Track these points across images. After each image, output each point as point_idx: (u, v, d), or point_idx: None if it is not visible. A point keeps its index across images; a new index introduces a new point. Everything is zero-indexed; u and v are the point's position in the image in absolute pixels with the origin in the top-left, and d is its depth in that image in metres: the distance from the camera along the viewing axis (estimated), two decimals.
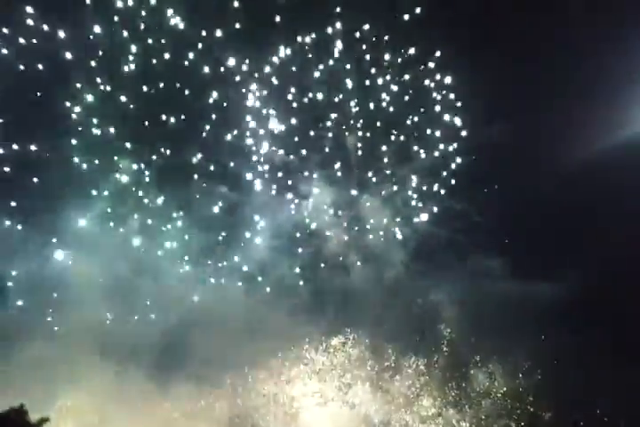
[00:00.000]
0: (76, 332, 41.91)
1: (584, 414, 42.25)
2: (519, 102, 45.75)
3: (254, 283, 46.21)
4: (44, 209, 41.63)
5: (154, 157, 44.83)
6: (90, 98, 42.88)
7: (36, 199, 41.52)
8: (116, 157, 44.19)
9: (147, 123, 44.35)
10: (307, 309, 46.12)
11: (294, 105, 47.41)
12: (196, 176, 45.74)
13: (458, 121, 48.42)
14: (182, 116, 45.08)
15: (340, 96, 47.97)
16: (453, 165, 48.84)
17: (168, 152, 44.88)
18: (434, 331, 46.79)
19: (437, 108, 48.48)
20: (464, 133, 48.41)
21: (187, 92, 44.85)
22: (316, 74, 47.26)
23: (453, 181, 48.78)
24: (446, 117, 48.53)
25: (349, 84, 47.81)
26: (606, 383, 41.37)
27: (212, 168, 46.15)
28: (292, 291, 46.66)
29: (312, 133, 48.04)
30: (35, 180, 41.78)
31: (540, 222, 46.32)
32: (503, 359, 44.79)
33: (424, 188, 49.27)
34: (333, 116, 48.15)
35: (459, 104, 48.15)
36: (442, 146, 48.96)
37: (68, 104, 42.52)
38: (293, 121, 47.43)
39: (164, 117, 44.62)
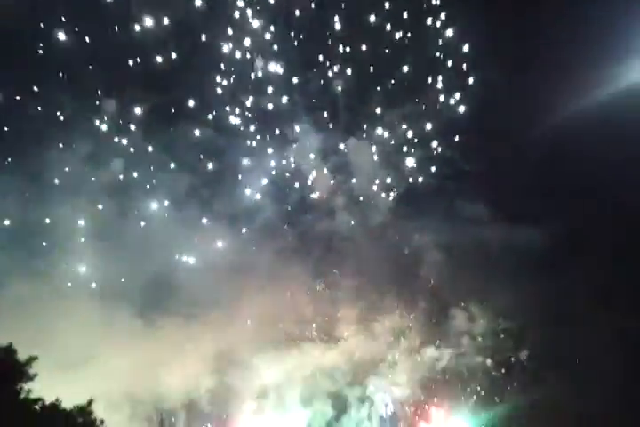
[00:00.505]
0: (65, 272, 42.74)
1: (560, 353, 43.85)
2: (515, 52, 45.32)
3: (240, 225, 46.62)
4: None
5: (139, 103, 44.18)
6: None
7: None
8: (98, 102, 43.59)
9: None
10: (293, 251, 46.86)
11: (283, 47, 46.70)
12: (181, 121, 45.40)
13: (452, 66, 47.90)
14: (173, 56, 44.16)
15: (330, 37, 47.25)
16: (444, 112, 48.67)
17: (154, 96, 44.29)
18: (418, 274, 47.73)
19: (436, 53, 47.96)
20: (459, 81, 48.06)
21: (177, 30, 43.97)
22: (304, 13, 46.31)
23: (443, 129, 48.70)
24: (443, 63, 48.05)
25: (338, 24, 46.84)
26: (584, 325, 42.62)
27: (198, 112, 45.83)
28: (278, 234, 47.27)
29: (299, 78, 47.43)
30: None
31: (527, 170, 46.74)
32: (484, 302, 45.93)
33: (412, 134, 49.13)
34: (322, 58, 47.52)
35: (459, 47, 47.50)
36: (434, 93, 48.63)
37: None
38: (281, 65, 46.78)
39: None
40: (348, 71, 48.03)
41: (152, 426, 39.04)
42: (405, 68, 48.15)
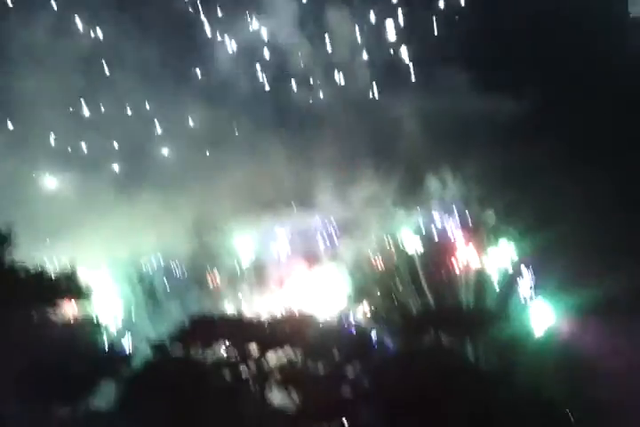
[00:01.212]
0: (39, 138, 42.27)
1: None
2: None
3: (217, 99, 45.61)
4: None
5: None
6: None
7: None
8: None
9: None
10: (271, 125, 46.40)
11: None
12: None
13: None
14: None
15: None
16: None
17: None
18: (395, 143, 47.77)
19: None
20: None
21: None
22: None
23: None
24: None
25: None
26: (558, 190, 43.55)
27: None
28: (256, 108, 46.51)
29: None
30: None
31: (508, 38, 45.38)
32: (457, 171, 46.47)
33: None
34: None
35: None
36: None
37: None
38: None
39: None
40: None
41: (135, 289, 40.48)
42: None
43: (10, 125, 41.02)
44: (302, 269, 45.80)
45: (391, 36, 48.21)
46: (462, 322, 30.57)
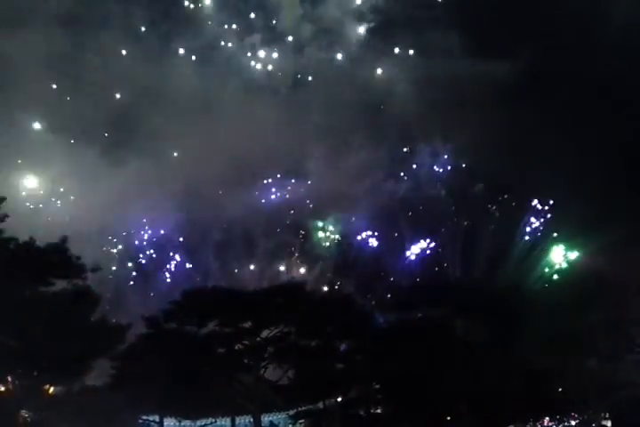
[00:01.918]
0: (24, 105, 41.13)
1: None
2: None
3: (204, 61, 44.42)
4: None
5: None
6: None
7: None
8: None
9: None
10: (260, 88, 45.52)
11: None
12: None
13: None
14: None
15: None
16: None
17: None
18: (386, 110, 47.10)
19: None
20: None
21: None
22: None
23: None
24: None
25: None
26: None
27: None
28: (243, 70, 45.47)
29: None
30: None
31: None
32: (448, 138, 46.05)
33: None
34: None
35: None
36: None
37: None
38: None
39: None
40: None
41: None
42: None
43: None
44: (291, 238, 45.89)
45: None
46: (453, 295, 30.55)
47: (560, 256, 44.25)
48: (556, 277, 43.27)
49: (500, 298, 29.87)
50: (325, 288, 40.96)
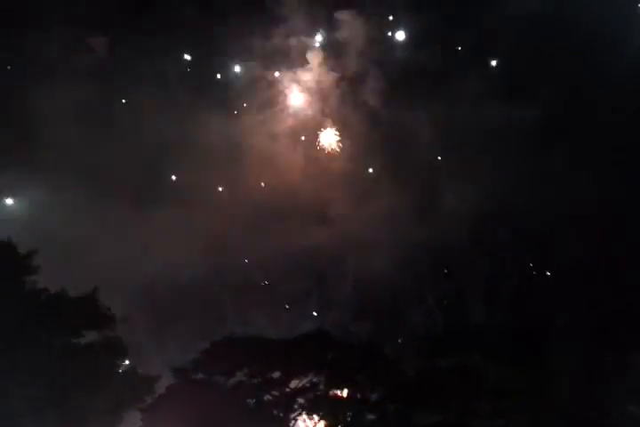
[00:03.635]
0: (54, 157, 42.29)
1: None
2: None
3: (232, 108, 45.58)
4: None
5: None
6: None
7: None
8: None
9: None
10: (286, 135, 46.35)
11: None
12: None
13: None
14: None
15: None
16: None
17: None
18: (410, 150, 47.34)
19: None
20: None
21: None
22: None
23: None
24: None
25: None
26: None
27: None
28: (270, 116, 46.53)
29: None
30: None
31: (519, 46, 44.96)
32: (473, 182, 45.95)
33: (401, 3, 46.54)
34: None
35: None
36: None
37: None
38: None
39: None
40: None
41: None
42: None
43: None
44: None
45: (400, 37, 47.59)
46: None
47: None
48: None
49: (530, 340, 29.41)
50: (345, 333, 40.54)
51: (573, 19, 43.28)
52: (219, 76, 46.65)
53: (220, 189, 45.71)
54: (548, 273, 45.51)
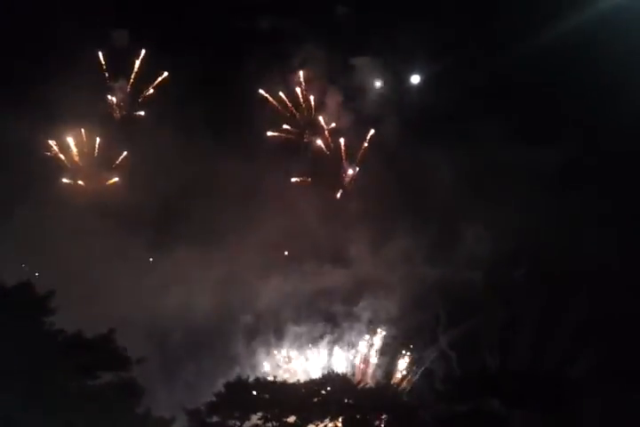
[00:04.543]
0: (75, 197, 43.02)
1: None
2: None
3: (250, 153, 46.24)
4: None
5: None
6: None
7: None
8: None
9: None
10: (302, 176, 46.79)
11: None
12: None
13: None
14: None
15: None
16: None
17: None
18: (427, 197, 47.38)
19: None
20: None
21: None
22: None
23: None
24: None
25: None
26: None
27: None
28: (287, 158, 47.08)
29: None
30: None
31: (539, 88, 45.22)
32: (492, 224, 45.74)
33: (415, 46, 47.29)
34: None
35: None
36: None
37: None
38: None
39: None
40: None
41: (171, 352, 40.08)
42: None
43: None
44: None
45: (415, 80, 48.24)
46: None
47: None
48: None
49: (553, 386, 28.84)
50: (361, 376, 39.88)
51: (591, 58, 43.29)
52: None
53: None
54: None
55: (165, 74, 46.03)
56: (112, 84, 46.32)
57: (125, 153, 45.58)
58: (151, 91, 46.39)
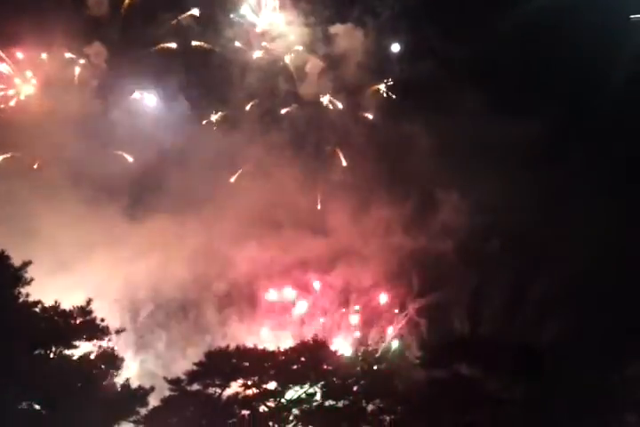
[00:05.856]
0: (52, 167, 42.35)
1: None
2: None
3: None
4: None
5: None
6: None
7: None
8: None
9: None
10: (284, 145, 46.57)
11: None
12: None
13: None
14: None
15: None
16: None
17: None
18: (407, 166, 47.37)
19: None
20: None
21: None
22: None
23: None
24: None
25: None
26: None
27: None
28: (269, 125, 46.72)
29: None
30: None
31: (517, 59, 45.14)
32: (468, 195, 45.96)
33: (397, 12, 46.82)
34: None
35: None
36: None
37: None
38: None
39: None
40: None
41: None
42: None
43: None
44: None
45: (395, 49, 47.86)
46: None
47: None
48: None
49: (531, 353, 29.40)
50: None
51: (570, 30, 43.21)
52: None
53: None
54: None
55: None
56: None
57: None
58: None
